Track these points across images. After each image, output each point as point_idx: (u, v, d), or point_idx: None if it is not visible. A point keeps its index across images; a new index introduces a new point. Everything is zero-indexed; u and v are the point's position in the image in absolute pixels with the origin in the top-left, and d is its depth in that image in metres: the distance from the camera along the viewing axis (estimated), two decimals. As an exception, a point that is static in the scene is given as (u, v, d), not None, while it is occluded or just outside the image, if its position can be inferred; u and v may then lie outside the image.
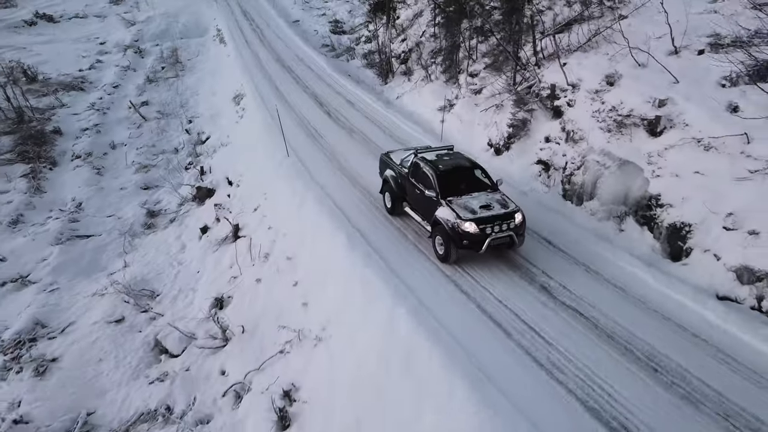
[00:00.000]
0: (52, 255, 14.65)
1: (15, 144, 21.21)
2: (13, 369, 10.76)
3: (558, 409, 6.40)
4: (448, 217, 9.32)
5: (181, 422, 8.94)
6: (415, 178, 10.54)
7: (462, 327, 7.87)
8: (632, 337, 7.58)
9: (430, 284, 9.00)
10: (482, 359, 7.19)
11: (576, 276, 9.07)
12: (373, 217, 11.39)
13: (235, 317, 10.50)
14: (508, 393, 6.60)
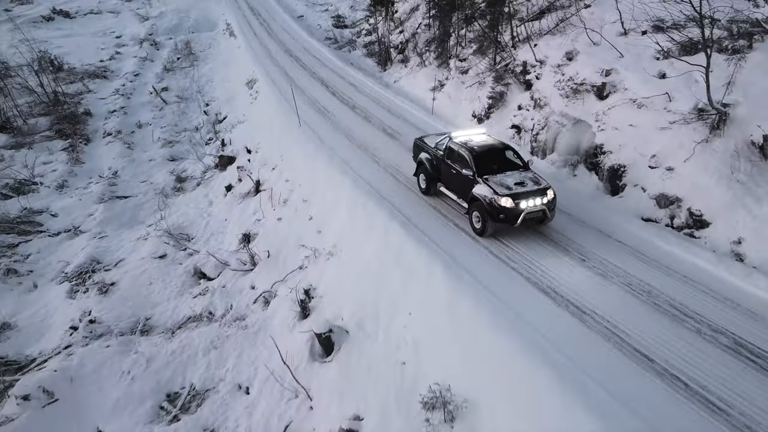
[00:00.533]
0: (97, 211, 17.07)
1: (52, 123, 23.66)
2: (80, 290, 13.18)
3: (500, 274, 8.85)
4: (485, 194, 10.00)
5: (222, 321, 11.35)
6: (450, 160, 11.20)
7: (436, 231, 10.35)
8: (570, 241, 10.00)
9: (413, 205, 11.48)
10: (451, 252, 9.62)
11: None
12: (372, 167, 13.78)
13: (261, 246, 12.93)
14: (470, 271, 9.02)
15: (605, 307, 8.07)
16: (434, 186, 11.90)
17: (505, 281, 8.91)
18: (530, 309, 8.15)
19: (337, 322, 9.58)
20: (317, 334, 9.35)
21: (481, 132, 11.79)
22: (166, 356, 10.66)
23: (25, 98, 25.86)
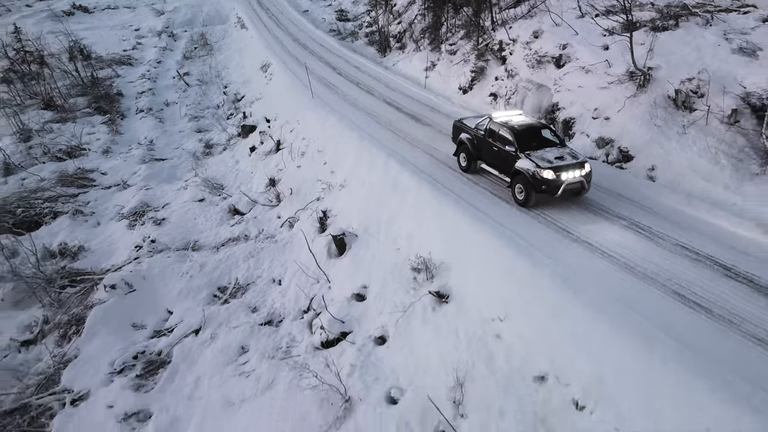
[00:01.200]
0: (141, 169, 20.13)
1: (89, 102, 26.73)
2: (137, 224, 16.26)
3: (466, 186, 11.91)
4: (528, 167, 10.83)
5: (256, 239, 14.42)
6: (492, 138, 12.03)
7: (424, 164, 13.41)
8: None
9: (408, 148, 14.51)
10: (435, 176, 12.69)
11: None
12: (374, 126, 16.82)
13: (284, 187, 16.00)
14: (449, 187, 12.11)
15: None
16: (474, 164, 12.77)
17: (467, 189, 11.97)
18: (492, 208, 11.21)
19: (348, 229, 12.65)
20: (333, 236, 12.42)
21: (518, 113, 12.70)
22: (214, 263, 13.74)
23: (62, 82, 28.92)
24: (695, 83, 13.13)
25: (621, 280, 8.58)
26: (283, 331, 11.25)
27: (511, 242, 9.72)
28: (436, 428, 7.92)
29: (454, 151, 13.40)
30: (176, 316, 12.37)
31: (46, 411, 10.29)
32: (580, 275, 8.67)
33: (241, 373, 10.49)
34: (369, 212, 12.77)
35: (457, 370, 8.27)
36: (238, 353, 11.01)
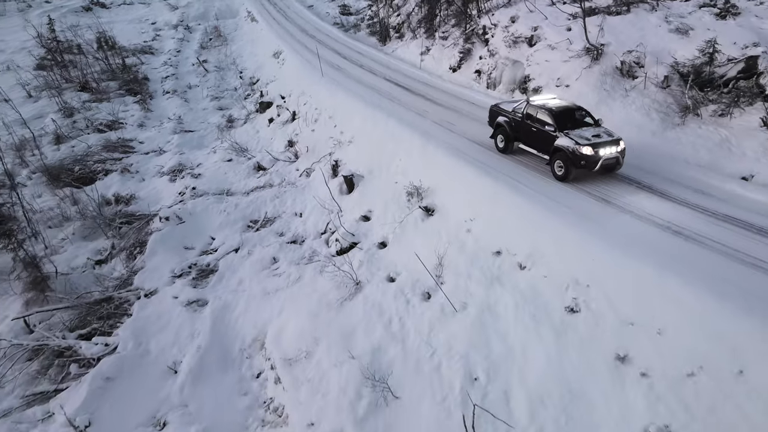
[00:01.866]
0: (173, 139, 23.23)
1: (120, 85, 29.81)
2: (177, 178, 19.35)
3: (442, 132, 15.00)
4: (567, 144, 11.62)
5: (279, 186, 17.52)
6: (530, 120, 12.89)
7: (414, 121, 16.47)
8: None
9: (405, 111, 17.58)
10: (423, 129, 15.78)
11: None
12: (376, 96, 19.85)
13: (301, 146, 19.09)
14: (432, 135, 15.19)
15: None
16: (512, 145, 13.66)
17: (446, 134, 15.06)
18: (465, 146, 14.30)
19: (356, 172, 15.74)
20: (344, 176, 15.53)
21: (553, 96, 13.77)
22: (246, 203, 16.85)
23: (92, 68, 31.99)
24: (637, 56, 16.25)
25: (545, 187, 11.73)
26: (306, 246, 14.36)
27: (472, 164, 12.84)
28: (423, 291, 11.02)
29: (491, 134, 14.23)
30: (218, 240, 15.49)
31: (125, 302, 13.40)
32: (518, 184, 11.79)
33: (274, 274, 13.61)
34: (372, 159, 15.85)
35: (439, 255, 11.35)
36: (270, 263, 14.12)
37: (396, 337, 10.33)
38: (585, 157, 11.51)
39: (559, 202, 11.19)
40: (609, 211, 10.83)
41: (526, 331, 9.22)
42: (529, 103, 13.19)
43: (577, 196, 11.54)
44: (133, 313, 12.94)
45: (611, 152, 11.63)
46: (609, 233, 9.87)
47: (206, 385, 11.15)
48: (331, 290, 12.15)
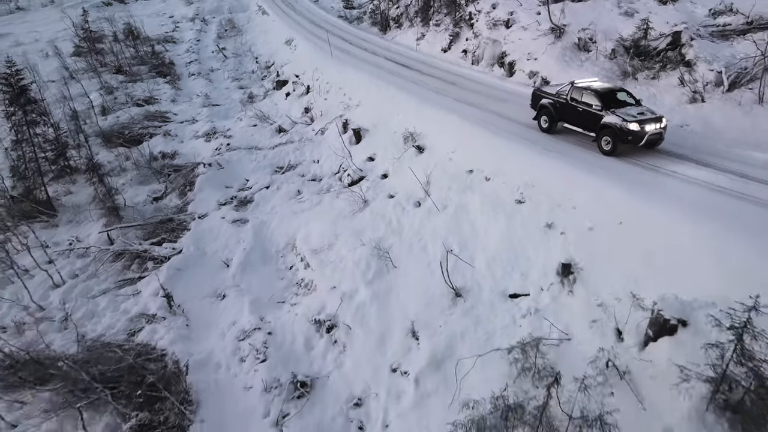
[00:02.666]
0: (203, 111, 26.95)
1: (150, 69, 33.54)
2: (212, 139, 23.07)
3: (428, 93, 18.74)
4: (615, 122, 12.56)
5: (298, 141, 21.25)
6: (575, 101, 13.93)
7: (409, 87, 20.18)
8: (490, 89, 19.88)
9: (398, 79, 21.28)
10: (416, 92, 19.50)
11: (467, 83, 21.35)
12: (378, 71, 23.51)
13: (316, 111, 22.83)
14: (422, 96, 18.93)
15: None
16: (555, 125, 14.72)
17: (433, 96, 18.77)
18: (450, 104, 18.01)
19: (363, 125, 19.46)
20: (354, 129, 19.28)
21: (595, 79, 14.99)
22: (272, 154, 20.60)
23: (123, 54, 35.70)
24: (590, 33, 20.00)
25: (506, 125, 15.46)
26: (323, 182, 18.11)
27: (454, 113, 16.57)
28: (415, 201, 14.75)
29: (534, 116, 15.30)
30: (252, 181, 19.26)
31: (183, 222, 17.14)
32: (489, 125, 15.54)
33: (299, 201, 17.36)
34: (376, 117, 19.57)
35: (427, 176, 15.06)
36: (296, 194, 17.87)
37: (395, 231, 14.08)
38: (632, 132, 12.46)
39: (515, 133, 14.92)
40: (547, 138, 14.55)
41: (487, 218, 12.94)
42: (573, 85, 14.19)
43: (526, 129, 15.25)
44: (191, 228, 16.69)
45: (655, 128, 12.56)
46: (544, 150, 13.59)
47: (252, 273, 14.89)
48: (345, 207, 15.89)
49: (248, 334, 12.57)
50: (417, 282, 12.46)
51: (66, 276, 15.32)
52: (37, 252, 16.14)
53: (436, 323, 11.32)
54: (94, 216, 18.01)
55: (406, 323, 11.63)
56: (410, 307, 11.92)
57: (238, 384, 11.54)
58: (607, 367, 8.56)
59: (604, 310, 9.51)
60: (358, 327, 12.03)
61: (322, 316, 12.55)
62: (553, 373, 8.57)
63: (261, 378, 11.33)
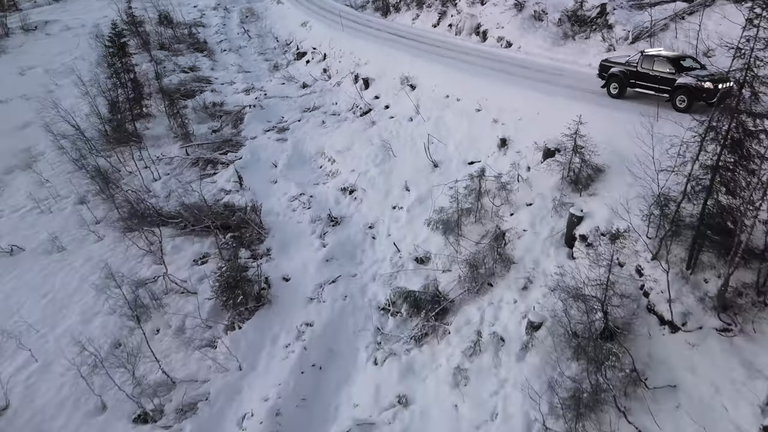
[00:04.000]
0: (238, 76, 33.21)
1: (188, 46, 39.80)
2: (250, 92, 29.33)
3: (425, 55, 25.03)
4: (689, 82, 14.07)
5: (319, 91, 27.52)
6: (648, 68, 15.46)
7: (403, 49, 26.47)
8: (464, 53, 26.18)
9: (398, 45, 27.55)
10: (409, 52, 25.80)
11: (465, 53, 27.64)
12: (382, 42, 29.71)
13: (332, 71, 29.13)
14: (414, 55, 25.23)
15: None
16: (625, 90, 16.29)
17: (421, 54, 25.04)
18: (435, 58, 24.26)
19: (371, 76, 25.72)
20: (363, 78, 25.54)
21: (661, 49, 16.47)
22: (300, 101, 26.88)
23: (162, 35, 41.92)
24: (543, 7, 26.26)
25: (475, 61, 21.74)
26: (341, 115, 24.37)
27: (437, 63, 22.82)
28: (408, 117, 21.00)
29: (602, 84, 16.97)
30: (286, 117, 25.55)
31: (238, 142, 23.39)
32: (462, 65, 21.86)
33: (324, 127, 23.64)
34: (380, 70, 25.78)
35: (417, 102, 21.29)
36: (321, 123, 24.14)
37: (394, 136, 20.34)
38: (707, 90, 13.79)
39: (477, 72, 21.13)
40: (495, 68, 20.79)
41: (457, 121, 19.16)
42: (644, 54, 15.91)
43: (483, 69, 21.44)
44: (246, 144, 22.97)
45: (725, 86, 13.18)
46: (496, 79, 19.81)
47: (293, 170, 21.15)
48: (359, 126, 22.17)
49: (296, 197, 18.89)
50: (409, 162, 18.75)
51: (161, 174, 21.55)
52: (133, 165, 22.38)
53: (421, 181, 17.59)
54: (171, 141, 24.26)
55: (401, 183, 17.93)
56: (404, 175, 18.22)
57: (292, 221, 17.84)
58: (517, 180, 14.83)
59: (520, 156, 15.76)
60: (370, 189, 18.33)
61: (346, 185, 18.87)
62: (487, 188, 14.85)
63: (308, 216, 17.63)
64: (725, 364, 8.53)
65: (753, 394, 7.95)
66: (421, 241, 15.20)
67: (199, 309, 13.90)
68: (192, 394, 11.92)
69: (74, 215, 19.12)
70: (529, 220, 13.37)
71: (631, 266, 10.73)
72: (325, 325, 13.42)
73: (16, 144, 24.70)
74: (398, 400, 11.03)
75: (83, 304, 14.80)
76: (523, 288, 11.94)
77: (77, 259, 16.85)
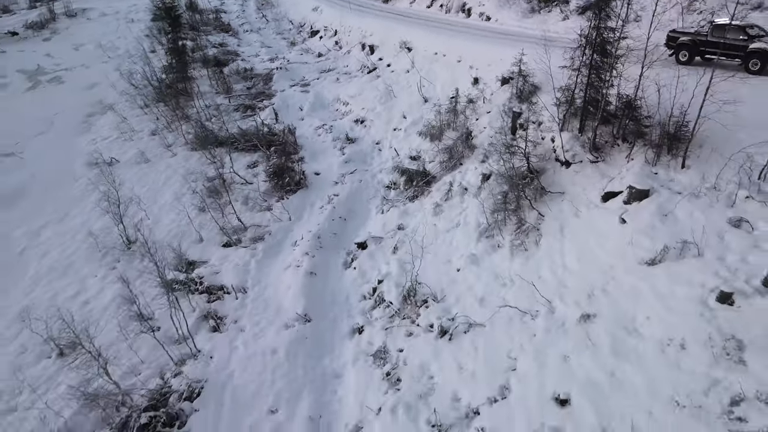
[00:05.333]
0: (262, 50, 39.12)
1: (213, 28, 45.70)
2: (274, 60, 35.24)
3: (424, 26, 30.95)
4: (763, 46, 15.89)
5: (332, 58, 33.44)
6: (718, 35, 16.82)
7: (403, 25, 32.39)
8: (447, 22, 32.10)
9: (399, 23, 33.46)
10: (407, 25, 31.70)
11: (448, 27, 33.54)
12: (387, 20, 35.60)
13: (343, 42, 35.04)
14: (411, 26, 31.16)
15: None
16: (694, 57, 17.52)
17: (416, 27, 30.92)
18: (428, 29, 30.17)
19: (375, 44, 31.62)
20: (369, 45, 31.44)
21: (725, 19, 17.36)
22: (317, 65, 32.88)
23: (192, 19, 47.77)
24: (516, -13, 32.15)
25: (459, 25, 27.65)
26: (352, 73, 30.28)
27: (428, 29, 28.72)
28: (405, 70, 26.91)
29: (671, 53, 18.14)
30: (307, 76, 31.47)
31: (270, 94, 29.30)
32: (446, 30, 27.79)
33: (339, 82, 29.54)
34: (383, 39, 31.68)
35: (412, 59, 27.18)
36: (335, 80, 30.07)
37: (395, 83, 26.27)
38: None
39: (456, 36, 26.99)
40: (474, 34, 26.63)
41: (443, 70, 25.03)
42: (714, 24, 17.40)
43: (460, 34, 27.27)
44: (277, 95, 28.90)
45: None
46: (470, 36, 25.67)
47: (315, 112, 27.06)
48: (366, 79, 28.12)
49: (320, 127, 24.86)
50: (406, 100, 24.67)
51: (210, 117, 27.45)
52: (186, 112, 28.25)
53: (414, 111, 23.50)
54: (214, 96, 30.15)
55: (400, 113, 23.87)
56: (402, 109, 24.16)
57: (319, 141, 23.78)
58: (482, 101, 20.73)
59: (486, 86, 21.62)
60: (377, 119, 24.27)
61: (358, 118, 24.83)
62: (461, 108, 20.72)
63: (330, 137, 23.58)
64: (591, 177, 14.39)
65: (601, 187, 13.79)
66: (414, 146, 21.11)
67: (258, 188, 19.82)
68: (259, 231, 17.82)
69: (150, 141, 25.06)
70: (488, 121, 19.26)
71: (549, 137, 16.58)
72: (347, 195, 19.35)
73: (90, 98, 30.65)
74: (397, 227, 16.95)
75: (172, 191, 20.70)
76: (481, 161, 17.80)
77: (160, 166, 22.77)
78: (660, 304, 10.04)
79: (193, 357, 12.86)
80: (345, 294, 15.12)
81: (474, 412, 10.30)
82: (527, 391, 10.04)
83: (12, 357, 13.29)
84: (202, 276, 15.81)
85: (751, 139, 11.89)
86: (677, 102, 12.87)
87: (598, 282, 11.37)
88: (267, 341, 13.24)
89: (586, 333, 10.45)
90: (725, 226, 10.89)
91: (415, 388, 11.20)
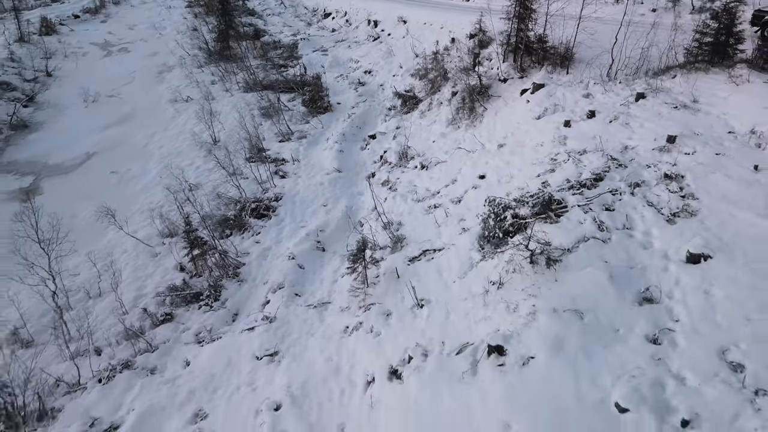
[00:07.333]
0: (284, 29, 47.71)
1: (240, 12, 54.27)
2: (297, 37, 43.86)
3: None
4: None
5: (344, 33, 42.15)
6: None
7: (405, 5, 41.04)
8: (435, 3, 40.76)
9: (403, 5, 42.10)
10: (406, 4, 40.38)
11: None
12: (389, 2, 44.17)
13: (352, 20, 43.69)
14: (410, 7, 39.85)
15: (436, 5, 38.77)
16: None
17: (414, 6, 39.55)
18: (424, 7, 38.81)
19: (378, 19, 40.22)
20: (374, 20, 40.04)
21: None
22: (332, 37, 41.44)
23: (220, 6, 56.29)
24: (489, -25, 40.85)
25: (446, 9, 36.33)
26: (360, 42, 38.91)
27: (422, 7, 37.36)
28: (402, 37, 35.51)
29: (756, 30, 18.28)
30: (325, 45, 40.09)
31: (297, 57, 37.94)
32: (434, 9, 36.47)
33: (350, 48, 38.16)
34: (385, 15, 40.24)
35: (407, 28, 35.77)
36: (348, 47, 38.69)
37: (394, 45, 34.93)
38: None
39: (441, 10, 35.57)
40: (456, 8, 35.22)
41: (430, 34, 33.58)
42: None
43: (451, 11, 35.81)
44: (302, 57, 37.53)
45: None
46: (451, 8, 34.25)
47: (334, 68, 35.66)
48: (372, 44, 36.75)
49: (338, 76, 33.49)
50: (402, 56, 33.29)
51: (254, 72, 36.03)
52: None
53: (409, 63, 32.10)
54: (251, 60, 38.67)
55: (398, 65, 32.51)
56: (399, 62, 32.76)
57: (338, 84, 32.40)
58: (456, 50, 29.35)
59: (459, 42, 30.19)
60: (380, 70, 32.96)
61: (366, 70, 33.49)
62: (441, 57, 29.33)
63: (346, 82, 32.28)
64: (516, 85, 22.94)
65: (521, 89, 22.36)
66: (407, 83, 29.73)
67: (299, 110, 28.49)
68: (302, 133, 26.47)
69: (212, 87, 33.63)
70: (458, 61, 27.86)
71: (495, 67, 25.17)
72: (361, 113, 28.05)
73: (155, 61, 39.26)
74: (396, 128, 25.60)
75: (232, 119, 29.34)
76: (452, 86, 26.38)
77: (223, 101, 31.38)
78: (537, 132, 18.68)
79: (273, 187, 21.51)
80: (363, 161, 23.83)
81: (436, 192, 18.96)
82: (465, 178, 18.69)
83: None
84: (268, 153, 24.47)
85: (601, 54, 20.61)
86: (566, 35, 21.57)
87: (510, 131, 20.03)
88: (316, 179, 21.94)
89: (499, 152, 19.09)
90: (579, 97, 19.54)
91: (405, 189, 19.88)
